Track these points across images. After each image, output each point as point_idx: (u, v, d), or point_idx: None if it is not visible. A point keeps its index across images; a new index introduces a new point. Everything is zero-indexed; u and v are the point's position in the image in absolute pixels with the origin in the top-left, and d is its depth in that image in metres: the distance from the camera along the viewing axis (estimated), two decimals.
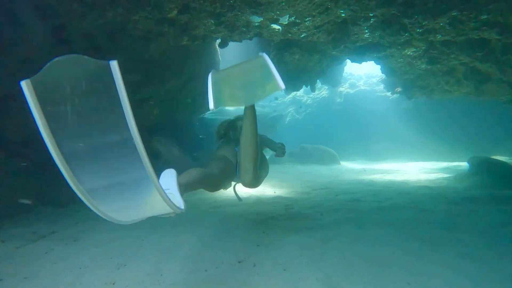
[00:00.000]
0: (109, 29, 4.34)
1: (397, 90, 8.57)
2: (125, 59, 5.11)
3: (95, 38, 4.36)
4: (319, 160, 10.76)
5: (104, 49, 4.65)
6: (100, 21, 3.95)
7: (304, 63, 7.83)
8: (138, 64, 5.31)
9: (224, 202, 4.07)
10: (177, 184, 1.62)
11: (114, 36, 4.58)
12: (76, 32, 4.12)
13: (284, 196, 4.44)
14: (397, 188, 4.67)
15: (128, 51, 4.94)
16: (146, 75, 6.06)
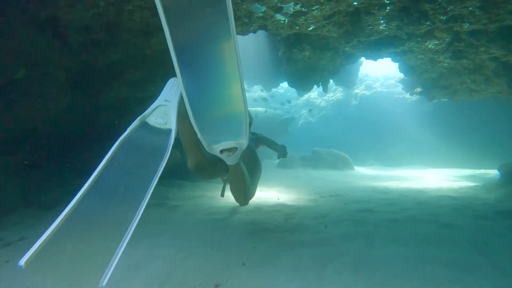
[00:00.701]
0: (106, 22, 4.14)
1: (416, 91, 7.99)
2: (126, 56, 4.88)
3: (92, 32, 4.16)
4: (332, 164, 10.27)
5: (103, 44, 4.46)
6: (92, 10, 3.73)
7: (315, 61, 7.44)
8: (140, 61, 5.05)
9: (220, 209, 3.74)
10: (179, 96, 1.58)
11: (112, 30, 4.37)
12: (72, 25, 3.93)
13: (288, 204, 4.05)
14: (415, 197, 4.18)
15: (128, 46, 4.74)
16: (149, 72, 5.82)
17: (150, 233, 2.67)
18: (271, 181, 7.17)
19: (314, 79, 8.06)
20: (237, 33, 5.03)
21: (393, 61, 6.71)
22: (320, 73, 7.88)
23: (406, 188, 5.09)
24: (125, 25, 4.14)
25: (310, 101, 19.14)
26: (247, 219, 3.17)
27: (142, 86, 6.02)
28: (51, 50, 4.06)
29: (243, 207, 3.77)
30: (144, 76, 5.66)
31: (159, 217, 3.39)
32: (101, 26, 4.11)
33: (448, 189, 4.74)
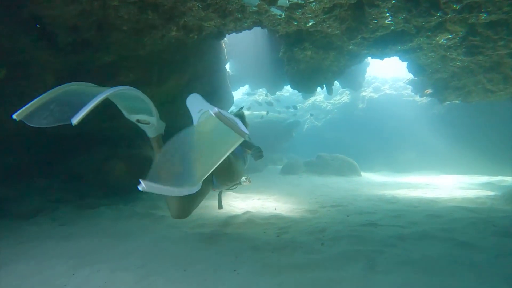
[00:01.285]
0: (95, 22, 3.96)
1: (426, 92, 7.59)
2: (119, 57, 4.63)
3: (82, 31, 3.98)
4: (338, 170, 9.89)
5: (94, 45, 4.28)
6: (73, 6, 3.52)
7: (318, 62, 7.13)
8: (134, 62, 4.93)
9: (210, 221, 3.45)
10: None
11: (102, 29, 4.19)
12: (58, 23, 3.75)
13: (284, 215, 3.73)
14: (425, 208, 3.80)
15: (120, 46, 4.58)
16: (143, 74, 5.58)
17: (122, 250, 2.39)
18: (271, 189, 6.85)
19: (317, 81, 7.75)
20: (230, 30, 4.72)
21: (401, 60, 6.34)
22: (323, 74, 7.56)
23: (416, 197, 4.71)
24: (115, 23, 3.96)
25: (316, 105, 18.78)
26: (236, 234, 2.86)
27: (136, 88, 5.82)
28: (38, 50, 3.87)
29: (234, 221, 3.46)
30: (139, 77, 5.25)
31: (140, 229, 3.11)
32: (91, 26, 3.94)
33: (463, 199, 4.34)
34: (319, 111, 18.11)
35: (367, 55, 6.50)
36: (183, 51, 6.23)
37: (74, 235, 2.89)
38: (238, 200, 5.36)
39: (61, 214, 3.87)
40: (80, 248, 2.48)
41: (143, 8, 3.87)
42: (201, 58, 7.27)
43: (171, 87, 6.70)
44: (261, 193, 6.06)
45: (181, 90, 7.09)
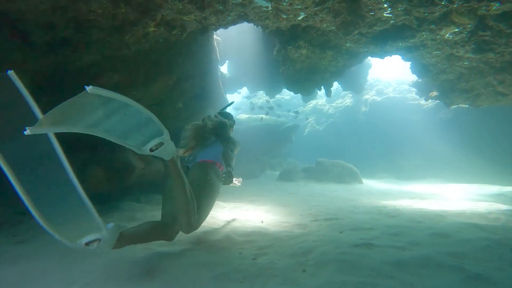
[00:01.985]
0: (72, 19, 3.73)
1: (431, 95, 7.20)
2: (102, 57, 4.41)
3: (58, 29, 3.73)
4: (338, 177, 9.48)
5: (73, 44, 4.01)
6: None
7: (315, 62, 6.78)
8: (119, 63, 4.71)
9: (183, 236, 3.05)
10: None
11: (81, 27, 3.92)
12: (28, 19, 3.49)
13: (269, 230, 3.34)
14: (430, 225, 3.39)
15: (102, 46, 4.22)
16: (129, 75, 5.18)
17: (70, 276, 2.02)
18: (265, 197, 6.46)
19: (314, 82, 7.39)
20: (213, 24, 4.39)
21: (404, 60, 5.97)
22: (321, 74, 7.21)
23: (420, 210, 4.29)
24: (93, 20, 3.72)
25: (318, 108, 18.40)
26: (203, 255, 2.48)
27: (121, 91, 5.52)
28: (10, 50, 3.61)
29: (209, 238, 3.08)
30: (124, 79, 5.03)
31: None
32: (68, 23, 3.72)
33: (473, 214, 3.92)
34: (321, 115, 17.72)
35: (367, 54, 6.14)
36: (171, 51, 6.00)
37: (27, 255, 2.53)
38: (226, 210, 4.99)
39: (23, 228, 3.49)
40: (25, 273, 2.11)
41: (115, 0, 3.57)
42: (190, 58, 6.99)
43: (159, 89, 6.42)
44: (252, 202, 5.68)
45: (169, 92, 6.82)
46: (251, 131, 12.22)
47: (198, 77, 7.50)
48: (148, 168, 6.32)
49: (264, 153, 13.20)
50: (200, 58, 7.47)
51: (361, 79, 11.35)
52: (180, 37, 5.43)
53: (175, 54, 6.28)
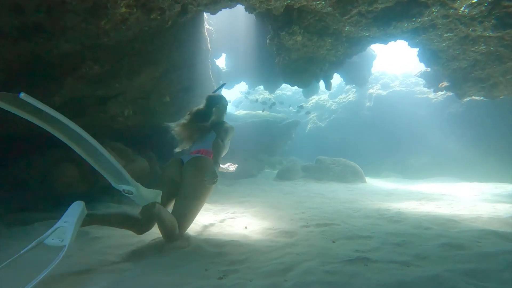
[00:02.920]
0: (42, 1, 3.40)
1: (441, 86, 6.67)
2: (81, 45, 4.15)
3: (28, 13, 3.40)
4: (339, 176, 9.01)
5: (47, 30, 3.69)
6: None
7: (313, 50, 6.29)
8: (100, 52, 4.46)
9: (145, 248, 2.62)
10: (77, 217, 1.97)
11: (53, 11, 3.58)
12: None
13: (249, 239, 2.90)
14: (440, 232, 2.92)
15: (79, 33, 3.93)
16: (111, 66, 4.90)
17: None
18: (257, 198, 6.02)
19: (312, 73, 6.90)
20: (190, 3, 3.93)
21: (410, 46, 5.46)
22: (319, 65, 6.72)
23: (428, 214, 3.81)
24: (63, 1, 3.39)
25: (320, 104, 17.86)
26: (160, 272, 2.04)
27: (103, 83, 5.28)
28: None
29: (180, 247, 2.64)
30: (106, 70, 4.76)
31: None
32: (38, 6, 3.39)
33: (491, 219, 3.43)
34: (323, 111, 17.18)
35: (369, 40, 5.65)
36: (157, 40, 5.65)
37: None
38: (210, 213, 4.56)
39: None
40: None
41: None
42: (178, 48, 6.60)
43: (144, 81, 6.04)
44: (242, 204, 5.24)
45: (155, 84, 6.44)
46: (248, 127, 11.77)
47: (186, 69, 7.09)
48: (130, 167, 5.90)
49: (262, 150, 12.75)
50: (188, 48, 7.07)
51: (364, 72, 10.80)
52: (164, 23, 5.13)
53: (161, 44, 5.96)
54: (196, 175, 2.72)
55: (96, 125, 5.75)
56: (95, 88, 5.00)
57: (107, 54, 4.55)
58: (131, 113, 6.19)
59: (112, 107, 5.67)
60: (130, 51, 5.02)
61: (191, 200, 2.69)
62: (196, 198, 2.72)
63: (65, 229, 1.87)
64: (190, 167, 2.80)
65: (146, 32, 5.25)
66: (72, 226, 1.88)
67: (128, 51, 4.93)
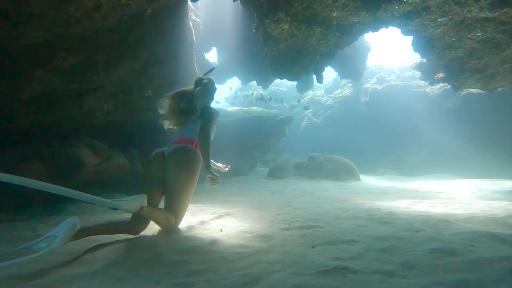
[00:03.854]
0: None
1: (437, 77, 6.42)
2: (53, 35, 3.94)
3: None
4: (332, 174, 8.77)
5: (11, 17, 3.45)
6: None
7: (302, 40, 6.01)
8: (74, 43, 4.26)
9: (102, 251, 2.35)
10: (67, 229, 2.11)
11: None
12: None
13: (220, 245, 2.64)
14: (432, 235, 2.67)
15: (48, 20, 3.72)
16: (87, 57, 4.69)
17: None
18: (242, 197, 5.77)
19: (302, 65, 6.63)
20: None
21: (404, 33, 5.20)
22: (309, 56, 6.44)
23: (421, 215, 3.56)
24: None
25: (315, 100, 17.58)
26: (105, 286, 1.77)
27: (78, 75, 5.07)
28: None
29: (132, 255, 2.37)
30: (81, 62, 4.57)
31: None
32: None
33: (487, 218, 3.19)
34: (319, 107, 16.90)
35: (360, 28, 5.38)
36: (137, 30, 5.44)
37: None
38: (188, 214, 4.28)
39: None
40: None
41: None
42: (160, 40, 6.33)
43: (124, 74, 5.78)
44: (224, 204, 4.98)
45: (136, 77, 6.17)
46: (239, 124, 11.49)
47: (169, 61, 6.80)
48: (106, 164, 5.63)
49: (255, 148, 12.47)
50: (172, 39, 6.81)
51: (359, 65, 10.53)
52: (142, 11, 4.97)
53: (142, 35, 5.72)
54: (177, 172, 2.73)
55: (72, 121, 5.46)
56: (70, 81, 4.76)
57: (83, 44, 4.31)
58: (112, 109, 5.92)
59: (89, 101, 5.40)
60: (108, 42, 4.77)
61: (178, 197, 2.74)
62: (183, 193, 2.75)
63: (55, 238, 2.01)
64: (171, 162, 2.78)
65: (126, 22, 5.05)
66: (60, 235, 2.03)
67: (105, 42, 4.71)
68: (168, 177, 2.74)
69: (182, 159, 2.76)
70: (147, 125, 7.35)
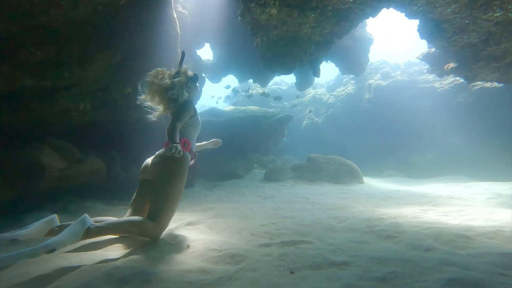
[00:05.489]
0: None
1: (447, 67, 5.85)
2: (19, 27, 3.71)
3: None
4: (333, 177, 8.22)
5: None
6: None
7: (294, 28, 5.50)
8: (44, 36, 4.01)
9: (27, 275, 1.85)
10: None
11: None
12: None
13: (174, 269, 2.13)
14: (446, 257, 2.12)
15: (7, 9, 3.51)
16: (58, 52, 4.38)
17: None
18: (229, 203, 5.26)
19: (295, 56, 6.10)
20: None
21: (408, 17, 4.65)
22: (304, 46, 5.91)
23: (432, 226, 3.00)
24: None
25: (317, 98, 17.03)
26: None
27: (49, 71, 4.80)
28: None
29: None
30: (51, 56, 4.29)
31: None
32: None
33: None
34: (320, 105, 16.35)
35: (359, 14, 4.87)
36: (113, 21, 5.21)
37: None
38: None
39: None
40: None
41: None
42: (140, 32, 5.94)
43: (100, 70, 5.41)
44: (205, 212, 4.46)
45: (114, 73, 5.74)
46: (233, 123, 10.97)
47: (150, 55, 6.36)
48: (76, 168, 5.15)
49: (252, 149, 11.95)
50: (155, 31, 6.42)
51: (361, 58, 9.97)
52: None
53: (119, 26, 5.39)
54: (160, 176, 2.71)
55: (44, 122, 5.05)
56: (39, 77, 4.50)
57: (53, 38, 4.04)
58: (89, 108, 5.47)
59: (62, 100, 5.00)
60: (82, 35, 4.47)
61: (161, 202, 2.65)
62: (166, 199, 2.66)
63: None
64: (154, 166, 2.77)
65: (101, 12, 4.75)
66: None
67: (78, 34, 4.36)
68: (153, 182, 2.73)
69: (164, 162, 2.71)
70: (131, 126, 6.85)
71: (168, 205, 2.68)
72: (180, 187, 2.75)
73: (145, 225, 2.56)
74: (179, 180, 2.72)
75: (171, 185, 2.67)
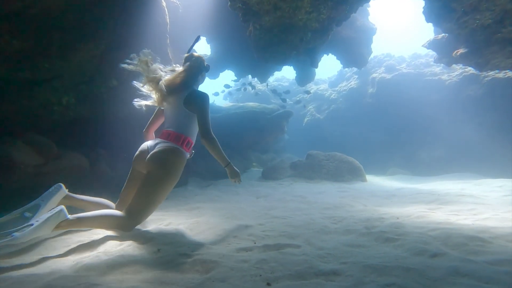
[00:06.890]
0: None
1: (457, 54, 5.46)
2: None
3: None
4: (333, 174, 7.87)
5: None
6: None
7: (289, 15, 5.17)
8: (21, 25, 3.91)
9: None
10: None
11: None
12: None
13: (130, 280, 1.79)
14: (457, 265, 1.78)
15: None
16: (37, 40, 4.25)
17: None
18: (217, 203, 4.94)
19: (291, 44, 5.75)
20: None
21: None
22: (299, 34, 5.56)
23: (439, 227, 2.65)
24: None
25: (319, 94, 16.61)
26: None
27: (27, 62, 4.52)
28: None
29: None
30: (29, 46, 4.15)
31: None
32: None
33: None
34: (322, 101, 15.95)
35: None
36: (97, 9, 4.86)
37: None
38: (138, 226, 3.44)
39: None
40: None
41: None
42: (125, 21, 5.70)
43: (82, 60, 5.19)
44: (190, 212, 4.15)
45: (97, 64, 5.48)
46: (230, 120, 10.64)
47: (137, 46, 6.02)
48: (53, 165, 4.85)
49: (250, 147, 11.61)
50: (143, 19, 6.18)
51: (363, 49, 9.57)
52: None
53: (102, 14, 5.12)
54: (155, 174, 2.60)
55: (22, 116, 4.78)
56: (16, 68, 4.32)
57: (31, 27, 3.91)
58: (73, 101, 5.21)
59: (42, 92, 4.76)
60: (62, 23, 4.29)
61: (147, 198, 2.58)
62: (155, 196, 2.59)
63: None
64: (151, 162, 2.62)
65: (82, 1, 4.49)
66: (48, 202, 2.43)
67: (59, 23, 4.23)
68: (146, 175, 2.62)
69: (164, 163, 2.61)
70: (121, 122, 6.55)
71: (152, 205, 2.64)
72: (169, 189, 2.70)
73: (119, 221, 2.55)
74: (172, 182, 2.68)
75: (161, 187, 2.61)
